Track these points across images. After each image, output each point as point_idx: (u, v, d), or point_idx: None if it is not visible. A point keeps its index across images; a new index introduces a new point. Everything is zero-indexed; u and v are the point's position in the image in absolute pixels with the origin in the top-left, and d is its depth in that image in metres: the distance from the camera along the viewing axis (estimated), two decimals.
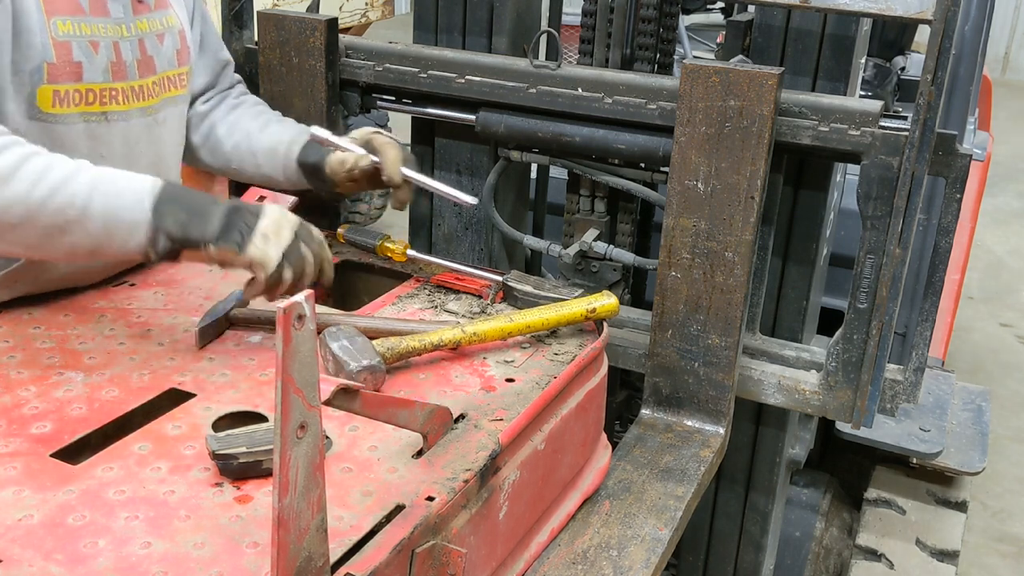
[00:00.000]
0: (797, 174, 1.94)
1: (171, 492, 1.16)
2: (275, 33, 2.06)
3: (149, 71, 1.70)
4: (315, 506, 0.94)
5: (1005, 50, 12.50)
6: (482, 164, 2.19)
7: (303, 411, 0.89)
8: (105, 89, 1.61)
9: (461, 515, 1.20)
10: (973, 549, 3.71)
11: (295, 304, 0.85)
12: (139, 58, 1.67)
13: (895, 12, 1.66)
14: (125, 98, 1.65)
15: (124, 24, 1.64)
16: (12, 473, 1.18)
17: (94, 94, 1.60)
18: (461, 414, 1.36)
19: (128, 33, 1.65)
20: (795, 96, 1.73)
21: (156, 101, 1.72)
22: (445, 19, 2.16)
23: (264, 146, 1.88)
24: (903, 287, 1.72)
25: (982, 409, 3.02)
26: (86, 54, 1.57)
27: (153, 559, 1.05)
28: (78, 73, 1.56)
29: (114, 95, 1.63)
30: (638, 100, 1.84)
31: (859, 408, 1.78)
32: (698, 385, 1.82)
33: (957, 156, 1.69)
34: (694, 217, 1.74)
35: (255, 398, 1.37)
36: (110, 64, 1.61)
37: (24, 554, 1.05)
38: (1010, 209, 7.49)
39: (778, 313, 2.07)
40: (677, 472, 1.68)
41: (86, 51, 1.57)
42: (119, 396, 1.36)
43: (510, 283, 1.69)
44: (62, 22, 1.53)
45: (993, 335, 5.54)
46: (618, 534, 1.50)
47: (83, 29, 1.57)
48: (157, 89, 1.72)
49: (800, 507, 2.89)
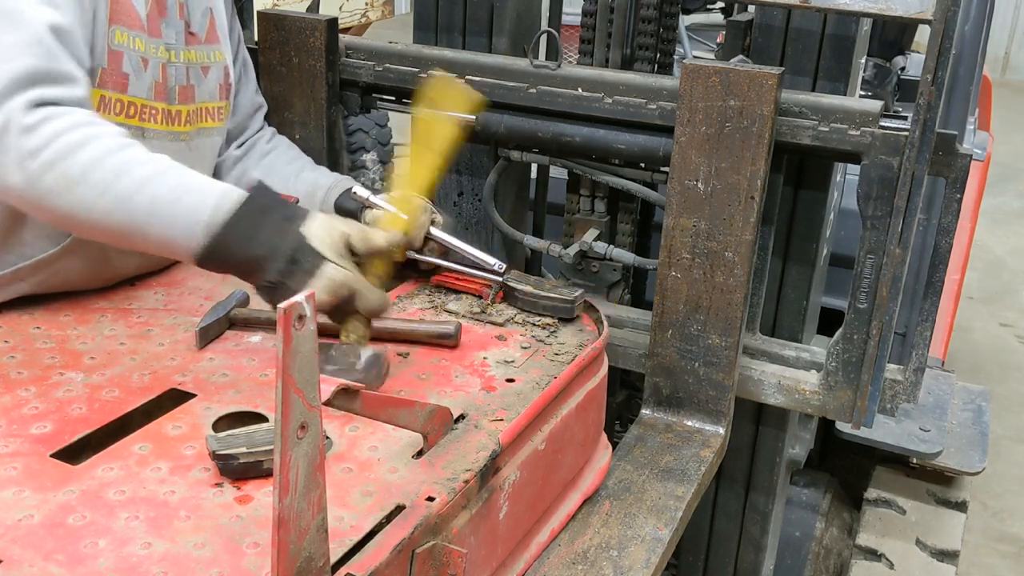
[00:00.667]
0: (797, 174, 1.94)
1: (171, 492, 1.16)
2: (275, 33, 2.06)
3: (188, 99, 1.72)
4: (316, 506, 0.94)
5: (1005, 50, 12.50)
6: (482, 164, 2.19)
7: (303, 411, 0.89)
8: (146, 106, 1.63)
9: (461, 515, 1.20)
10: (973, 549, 3.71)
11: (295, 304, 0.85)
12: (182, 85, 1.69)
13: (895, 12, 1.66)
14: (164, 119, 1.67)
15: (175, 50, 1.67)
16: (12, 473, 1.18)
17: (135, 108, 1.61)
18: (461, 414, 1.36)
19: (176, 59, 1.68)
20: (795, 96, 1.73)
21: (191, 129, 1.74)
22: (445, 19, 2.16)
23: (301, 190, 1.89)
24: (903, 287, 1.72)
25: (982, 409, 3.02)
26: (135, 68, 1.58)
27: (153, 559, 1.05)
28: (124, 84, 1.58)
29: (153, 114, 1.64)
30: (638, 100, 1.84)
31: (859, 408, 1.78)
32: (698, 385, 1.82)
33: (957, 156, 1.69)
34: (694, 217, 1.74)
35: (255, 398, 1.37)
36: (154, 83, 1.62)
37: (24, 554, 1.05)
38: (1010, 209, 7.50)
39: (778, 313, 2.07)
40: (677, 472, 1.68)
41: (136, 65, 1.59)
42: (119, 396, 1.36)
43: (510, 283, 1.69)
44: (120, 32, 1.55)
45: (993, 335, 5.54)
46: (618, 534, 1.50)
47: (137, 44, 1.58)
48: (193, 118, 1.74)
49: (800, 507, 2.89)
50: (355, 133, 6.02)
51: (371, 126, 6.08)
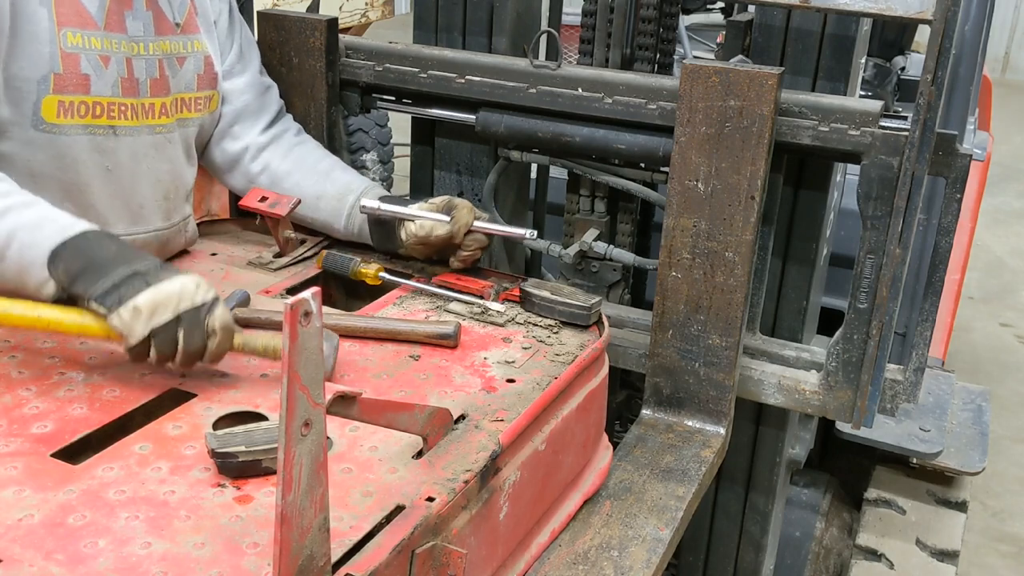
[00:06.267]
0: (797, 174, 1.94)
1: (171, 492, 1.16)
2: (275, 33, 2.06)
3: (163, 91, 1.70)
4: (318, 504, 0.94)
5: (1005, 50, 12.50)
6: (482, 164, 2.19)
7: (308, 408, 0.89)
8: (113, 103, 1.61)
9: (461, 516, 1.20)
10: (973, 549, 3.71)
11: (302, 301, 0.85)
12: (155, 77, 1.67)
13: (895, 12, 1.66)
14: (135, 114, 1.65)
15: (142, 43, 1.64)
16: (13, 473, 1.18)
17: (101, 107, 1.60)
18: (462, 415, 1.36)
19: (145, 52, 1.65)
20: (795, 96, 1.73)
21: (169, 121, 1.73)
22: (445, 19, 2.16)
23: (331, 190, 1.89)
24: (903, 287, 1.72)
25: (982, 409, 3.02)
26: (95, 68, 1.57)
27: (153, 559, 1.05)
28: (85, 86, 1.56)
29: (123, 110, 1.63)
30: (638, 100, 1.84)
31: (859, 408, 1.78)
32: (699, 385, 1.82)
33: (957, 156, 1.69)
34: (694, 217, 1.74)
35: (256, 398, 1.37)
36: (120, 79, 1.61)
37: (24, 554, 1.05)
38: (1010, 209, 7.50)
39: (778, 313, 2.07)
40: (678, 472, 1.68)
41: (95, 65, 1.57)
42: (120, 396, 1.36)
43: (528, 289, 1.69)
44: (72, 34, 1.53)
45: (993, 335, 5.54)
46: (619, 534, 1.50)
47: (93, 43, 1.56)
48: (171, 110, 1.72)
49: (800, 507, 2.89)
50: (355, 133, 6.03)
51: (371, 126, 6.10)
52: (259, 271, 1.83)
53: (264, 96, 1.97)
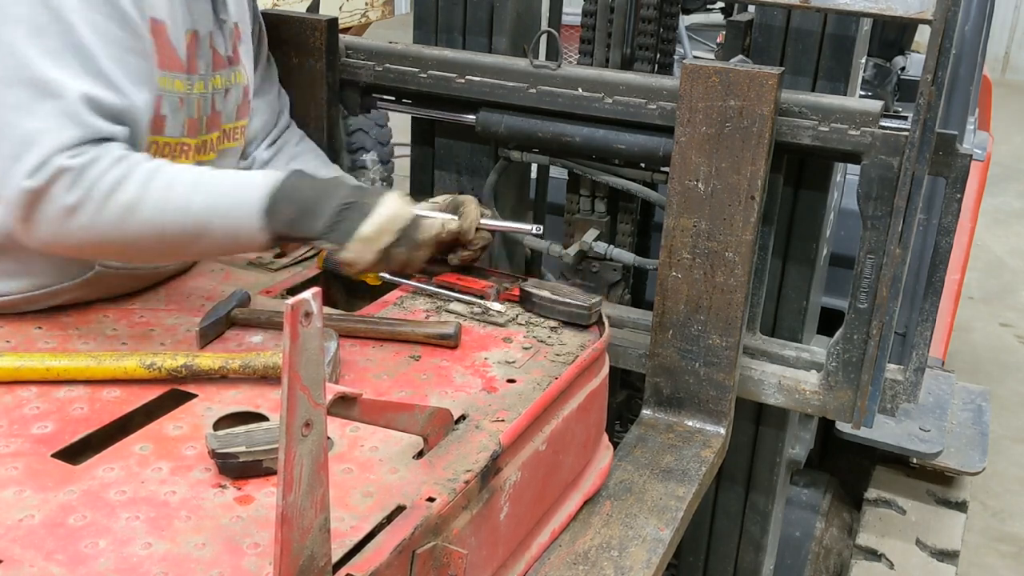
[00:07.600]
0: (797, 174, 1.94)
1: (172, 493, 1.16)
2: (275, 33, 2.06)
3: (215, 126, 1.69)
4: (319, 505, 0.94)
5: (1005, 50, 12.50)
6: (482, 164, 2.19)
7: (309, 409, 0.89)
8: (177, 144, 1.60)
9: (462, 516, 1.20)
10: (973, 549, 3.71)
11: (302, 301, 0.85)
12: (208, 114, 1.66)
13: (895, 12, 1.66)
14: (194, 152, 1.65)
15: (205, 80, 1.64)
16: (13, 473, 1.18)
17: (170, 147, 1.58)
18: (462, 415, 1.36)
19: (205, 89, 1.64)
20: (795, 96, 1.73)
21: (214, 156, 1.72)
22: (445, 19, 2.16)
23: None
24: (903, 287, 1.72)
25: (982, 409, 3.02)
26: (172, 109, 1.56)
27: (154, 560, 1.05)
28: (160, 127, 1.55)
29: (184, 150, 1.62)
30: (638, 100, 1.84)
31: (859, 408, 1.78)
32: (699, 385, 1.82)
33: (957, 156, 1.69)
34: (694, 217, 1.74)
35: (256, 399, 1.37)
36: (187, 120, 1.60)
37: (25, 554, 1.05)
38: (1010, 209, 7.50)
39: (778, 313, 2.07)
40: (678, 472, 1.68)
41: (174, 106, 1.56)
42: (120, 396, 1.36)
43: (528, 289, 1.69)
44: (163, 77, 1.52)
45: (993, 335, 5.54)
46: (619, 534, 1.50)
47: (176, 85, 1.56)
48: (217, 143, 1.72)
49: (800, 507, 2.89)
50: (355, 133, 6.02)
51: (371, 126, 6.09)
52: (259, 271, 1.83)
53: (278, 116, 1.97)
